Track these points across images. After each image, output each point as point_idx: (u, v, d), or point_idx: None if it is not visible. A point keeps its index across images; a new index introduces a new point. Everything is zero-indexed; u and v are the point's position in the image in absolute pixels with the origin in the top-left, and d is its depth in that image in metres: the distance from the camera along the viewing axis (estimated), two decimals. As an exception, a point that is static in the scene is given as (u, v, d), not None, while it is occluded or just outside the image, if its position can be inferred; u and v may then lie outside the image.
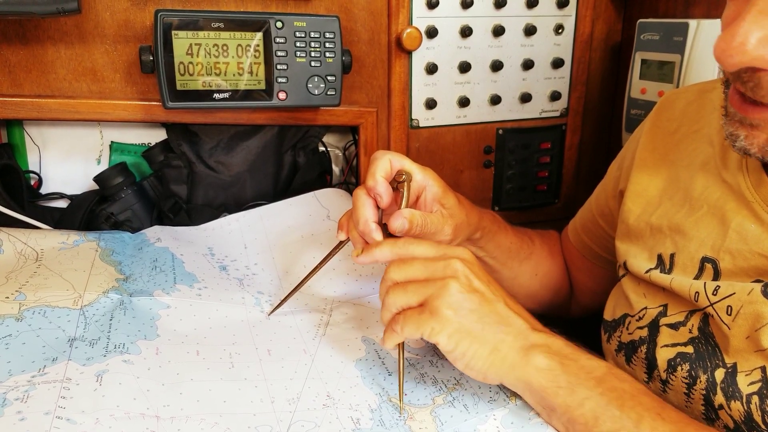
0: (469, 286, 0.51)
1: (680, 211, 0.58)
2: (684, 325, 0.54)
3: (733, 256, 0.52)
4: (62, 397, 0.44)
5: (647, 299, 0.59)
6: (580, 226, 0.78)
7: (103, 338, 0.52)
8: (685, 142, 0.61)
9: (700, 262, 0.54)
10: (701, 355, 0.52)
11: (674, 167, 0.61)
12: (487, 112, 0.90)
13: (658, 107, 0.67)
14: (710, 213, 0.55)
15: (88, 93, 0.73)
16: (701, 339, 0.53)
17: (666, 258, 0.58)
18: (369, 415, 0.50)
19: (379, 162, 0.59)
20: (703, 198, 0.56)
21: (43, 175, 0.84)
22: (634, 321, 0.60)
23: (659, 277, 0.57)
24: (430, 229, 0.60)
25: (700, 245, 0.55)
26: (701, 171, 0.57)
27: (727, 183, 0.54)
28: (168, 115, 0.75)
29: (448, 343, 0.49)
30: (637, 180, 0.64)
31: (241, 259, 0.74)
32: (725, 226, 0.53)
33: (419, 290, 0.51)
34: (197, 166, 0.80)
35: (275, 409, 0.48)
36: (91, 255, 0.67)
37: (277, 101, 0.73)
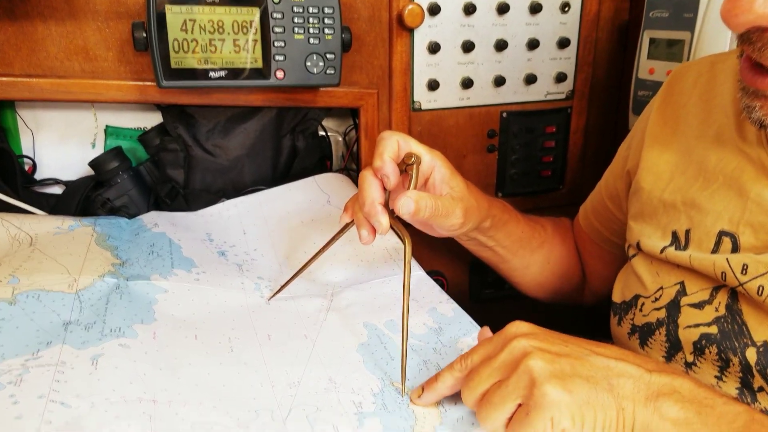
0: (549, 354, 0.43)
1: (694, 185, 0.56)
2: (710, 303, 0.52)
3: (754, 230, 0.49)
4: (56, 380, 0.42)
5: (661, 278, 0.57)
6: (590, 210, 0.77)
7: (99, 322, 0.50)
8: (696, 113, 0.59)
9: (716, 236, 0.52)
10: (727, 335, 0.50)
11: (686, 140, 0.59)
12: (491, 94, 0.88)
13: (668, 81, 0.65)
14: (726, 185, 0.53)
15: (81, 72, 0.71)
16: (727, 317, 0.51)
17: (681, 234, 0.56)
18: (371, 399, 0.48)
19: (386, 142, 0.57)
20: (718, 170, 0.54)
21: (37, 159, 0.82)
22: (649, 302, 0.58)
23: (676, 255, 0.55)
24: (441, 212, 0.58)
25: (717, 219, 0.53)
26: (715, 142, 0.55)
27: (744, 152, 0.52)
28: (163, 96, 0.73)
29: (574, 425, 0.41)
30: (648, 156, 0.62)
31: (240, 245, 0.72)
32: (743, 197, 0.51)
33: (506, 394, 0.42)
34: (194, 149, 0.78)
35: (275, 393, 0.47)
36: (87, 240, 0.65)
37: (275, 80, 0.71)
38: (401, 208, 0.54)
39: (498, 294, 0.97)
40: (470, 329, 0.59)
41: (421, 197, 0.56)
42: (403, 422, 0.46)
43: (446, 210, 0.58)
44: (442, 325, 0.60)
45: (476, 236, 0.70)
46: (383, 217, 0.55)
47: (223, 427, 0.42)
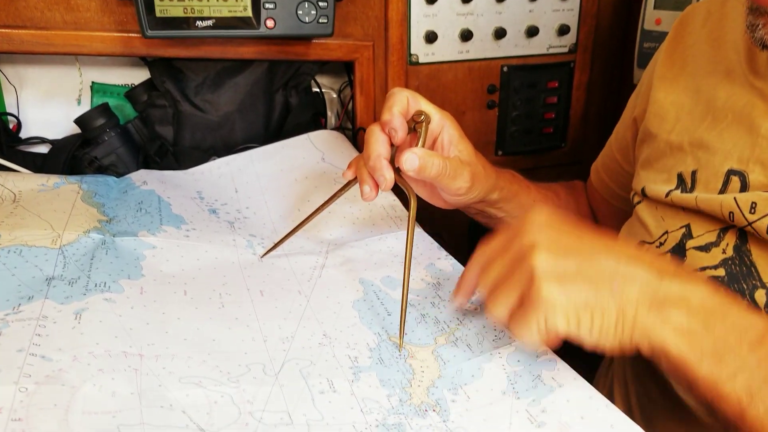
0: (557, 248, 0.41)
1: (702, 124, 0.54)
2: (717, 245, 0.50)
3: (765, 167, 0.47)
4: (37, 334, 0.41)
5: (666, 222, 0.55)
6: (601, 166, 0.75)
7: (83, 277, 0.49)
8: (706, 51, 0.57)
9: (725, 176, 0.50)
10: (735, 277, 0.48)
11: (694, 80, 0.57)
12: (491, 47, 0.85)
13: (677, 22, 0.62)
14: (736, 122, 0.50)
15: (62, 23, 0.68)
16: (735, 259, 0.49)
17: (687, 177, 0.54)
18: (368, 354, 0.47)
19: (396, 97, 0.55)
20: (727, 107, 0.52)
21: (21, 117, 0.79)
22: (654, 248, 0.56)
23: (681, 197, 0.53)
24: (448, 172, 0.56)
25: (726, 157, 0.50)
26: (725, 79, 0.53)
27: (755, 87, 0.50)
28: (148, 48, 0.70)
29: (568, 326, 0.40)
30: (655, 99, 0.60)
31: (232, 203, 0.70)
32: (754, 133, 0.49)
33: (508, 288, 0.42)
34: (183, 105, 0.76)
35: (268, 347, 0.45)
36: (72, 197, 0.63)
37: (265, 30, 0.68)
38: (405, 163, 0.53)
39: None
40: (469, 284, 0.57)
41: (428, 154, 0.54)
42: (401, 376, 0.45)
43: (454, 171, 0.57)
44: (440, 280, 0.58)
45: (485, 209, 0.68)
46: (388, 171, 0.54)
47: (212, 381, 0.41)
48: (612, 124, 0.80)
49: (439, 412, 0.42)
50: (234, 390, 0.40)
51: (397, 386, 0.44)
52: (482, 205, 0.67)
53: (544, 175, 0.96)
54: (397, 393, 0.43)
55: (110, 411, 0.35)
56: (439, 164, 0.55)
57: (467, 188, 0.59)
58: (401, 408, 0.42)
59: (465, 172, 0.58)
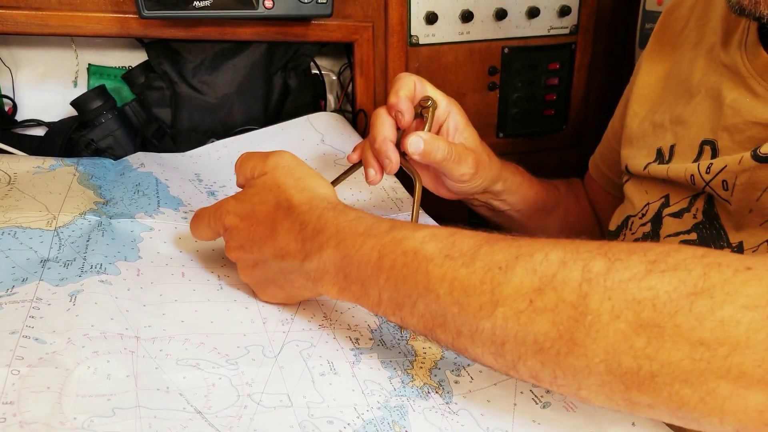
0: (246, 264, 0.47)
1: (680, 101, 0.56)
2: (688, 210, 0.52)
3: (729, 132, 0.49)
4: (31, 317, 0.40)
5: (649, 194, 0.57)
6: (599, 157, 0.75)
7: (79, 259, 0.48)
8: (690, 38, 0.59)
9: (699, 146, 0.52)
10: (705, 240, 0.50)
11: (678, 60, 0.59)
12: (492, 28, 0.83)
13: (667, 9, 0.64)
14: (707, 96, 0.53)
15: (58, 4, 0.67)
16: (705, 223, 0.51)
17: (666, 150, 0.56)
18: (369, 335, 0.46)
19: (403, 81, 0.56)
20: (701, 84, 0.54)
21: (17, 100, 0.78)
22: (637, 219, 0.57)
23: (657, 168, 0.55)
24: (453, 157, 0.57)
25: (699, 129, 0.52)
26: (703, 58, 0.55)
27: (725, 65, 0.52)
28: (145, 29, 0.69)
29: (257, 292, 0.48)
30: (642, 82, 0.61)
31: (231, 186, 0.69)
32: (720, 104, 0.51)
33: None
34: (180, 86, 0.74)
35: (267, 329, 0.45)
36: (69, 179, 0.62)
37: (264, 10, 0.66)
38: (410, 146, 0.54)
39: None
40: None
41: (434, 138, 0.56)
42: (402, 358, 0.44)
43: (458, 156, 0.58)
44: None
45: (488, 200, 0.68)
46: (394, 154, 0.55)
47: (210, 363, 0.40)
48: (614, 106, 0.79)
49: (442, 394, 0.41)
50: (232, 372, 0.39)
51: (399, 368, 0.43)
52: (486, 197, 0.67)
53: (545, 157, 0.95)
54: (399, 375, 0.42)
55: (105, 394, 0.35)
56: (444, 148, 0.56)
57: (471, 174, 0.60)
58: (403, 390, 0.41)
59: (469, 159, 0.59)
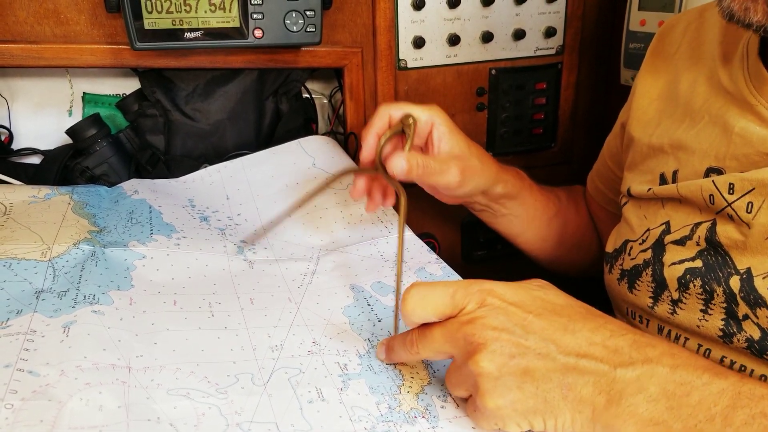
0: (502, 352, 0.39)
1: (681, 126, 0.56)
2: (690, 238, 0.52)
3: (739, 161, 0.50)
4: (25, 349, 0.41)
5: (648, 220, 0.57)
6: (595, 174, 0.76)
7: (73, 290, 0.49)
8: (684, 59, 0.59)
9: (704, 174, 0.52)
10: (711, 266, 0.50)
11: (673, 85, 0.59)
12: (479, 50, 0.85)
13: (659, 33, 0.65)
14: (712, 122, 0.53)
15: (52, 37, 0.68)
16: (710, 249, 0.51)
17: (669, 176, 0.56)
18: (357, 361, 0.47)
19: (375, 118, 0.61)
20: (704, 109, 0.54)
21: (13, 129, 0.79)
22: (637, 245, 0.58)
23: (662, 189, 0.55)
24: (434, 170, 0.60)
25: (704, 157, 0.52)
26: (702, 84, 0.56)
27: (729, 92, 0.52)
28: (138, 59, 0.71)
29: (521, 428, 0.40)
30: (637, 105, 0.62)
31: (224, 210, 0.71)
32: (728, 132, 0.51)
33: (459, 381, 0.42)
34: (173, 114, 0.76)
35: (257, 356, 0.46)
36: (63, 208, 0.63)
37: (254, 40, 0.68)
38: (394, 168, 0.57)
39: (490, 254, 0.95)
40: (458, 289, 0.57)
41: (412, 156, 0.58)
42: (390, 382, 0.45)
43: (439, 168, 0.60)
44: (430, 285, 0.58)
45: (489, 204, 0.70)
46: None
47: (200, 392, 0.41)
48: (601, 123, 0.80)
49: (429, 419, 0.42)
50: (222, 401, 0.40)
51: (386, 393, 0.44)
52: (485, 200, 0.69)
53: (535, 175, 0.96)
54: (386, 400, 0.43)
55: (97, 425, 0.36)
56: (422, 163, 0.59)
57: (458, 182, 0.62)
58: (390, 415, 0.42)
59: (452, 168, 0.61)
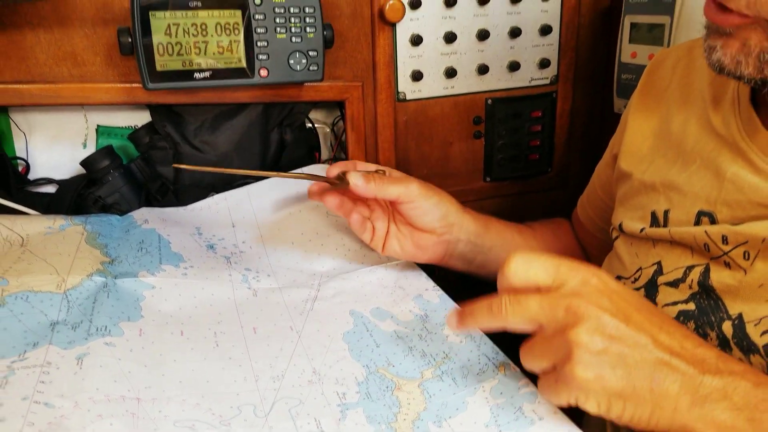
0: (603, 330, 0.40)
1: (673, 167, 0.57)
2: (683, 281, 0.53)
3: (730, 208, 0.51)
4: (41, 381, 0.44)
5: (640, 258, 0.58)
6: (586, 201, 0.78)
7: (86, 321, 0.52)
8: (675, 97, 0.61)
9: (696, 216, 0.53)
10: (704, 310, 0.51)
11: (665, 123, 0.61)
12: (475, 82, 0.88)
13: (649, 68, 0.67)
14: (704, 166, 0.54)
15: (69, 77, 0.72)
16: (702, 293, 0.52)
17: (660, 215, 0.57)
18: (356, 389, 0.50)
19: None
20: (695, 151, 0.55)
21: (30, 161, 0.83)
22: (629, 283, 0.59)
23: (655, 231, 0.56)
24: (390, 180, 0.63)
25: (695, 199, 0.54)
26: (693, 125, 0.57)
27: (720, 135, 0.53)
28: (150, 97, 0.74)
29: (598, 410, 0.41)
30: (630, 140, 0.64)
31: (229, 238, 0.74)
32: (720, 177, 0.52)
33: (544, 351, 0.42)
34: (183, 146, 0.79)
35: (259, 387, 0.48)
36: (77, 239, 0.67)
37: (259, 79, 0.71)
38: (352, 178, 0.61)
39: (488, 281, 0.98)
40: (454, 316, 0.60)
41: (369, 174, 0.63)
42: (387, 410, 0.48)
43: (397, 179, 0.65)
44: (428, 311, 0.61)
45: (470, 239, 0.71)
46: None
47: (205, 424, 0.44)
48: (596, 149, 0.82)
49: (421, 445, 0.44)
50: None
51: (383, 422, 0.46)
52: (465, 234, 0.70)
53: (532, 199, 0.99)
54: (383, 429, 0.46)
55: (109, 455, 0.38)
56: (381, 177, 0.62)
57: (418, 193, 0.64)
58: (384, 443, 0.44)
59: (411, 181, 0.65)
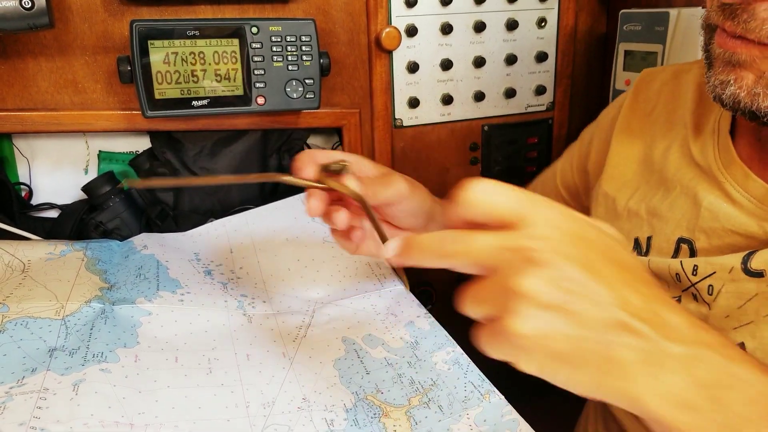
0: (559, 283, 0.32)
1: (657, 194, 0.59)
2: None
3: (707, 235, 0.53)
4: (38, 407, 0.45)
5: None
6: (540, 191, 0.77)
7: (83, 347, 0.53)
8: (659, 123, 0.62)
9: (675, 243, 0.55)
10: None
11: (649, 149, 0.62)
12: (472, 108, 0.90)
13: (635, 88, 0.67)
14: (683, 194, 0.56)
15: (71, 104, 0.74)
16: None
17: (642, 242, 0.59)
18: (344, 416, 0.50)
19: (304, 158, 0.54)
20: (676, 179, 0.57)
21: (33, 186, 0.85)
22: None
23: None
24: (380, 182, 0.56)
25: (676, 226, 0.55)
26: (675, 153, 0.58)
27: (699, 165, 0.55)
28: (149, 124, 0.76)
29: (539, 374, 0.33)
30: (614, 163, 0.64)
31: (227, 264, 0.75)
32: (697, 206, 0.54)
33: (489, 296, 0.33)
34: (182, 172, 0.81)
35: (249, 413, 0.49)
36: (77, 264, 0.68)
37: (256, 106, 0.73)
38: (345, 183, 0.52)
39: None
40: (445, 342, 0.61)
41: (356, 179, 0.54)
42: (372, 438, 0.48)
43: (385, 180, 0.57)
44: (418, 338, 0.62)
45: None
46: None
47: (196, 447, 0.44)
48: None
49: (406, 474, 0.45)
50: (214, 457, 0.44)
51: (368, 449, 0.47)
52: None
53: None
54: (367, 455, 0.46)
55: (100, 481, 0.39)
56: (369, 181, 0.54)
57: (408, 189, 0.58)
58: (370, 470, 0.45)
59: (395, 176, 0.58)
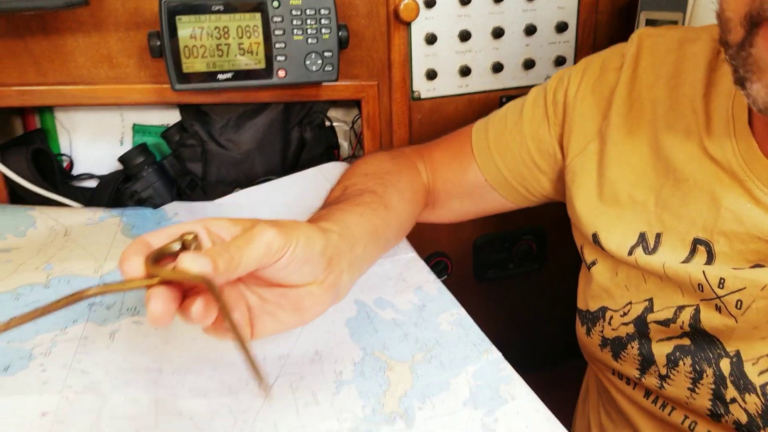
0: None
1: (665, 184, 0.52)
2: (674, 321, 0.52)
3: (728, 239, 0.47)
4: (79, 352, 0.50)
5: (630, 292, 0.55)
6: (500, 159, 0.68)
7: (118, 303, 0.58)
8: (663, 101, 0.55)
9: (692, 244, 0.49)
10: (701, 346, 0.50)
11: (654, 130, 0.55)
12: (490, 80, 0.91)
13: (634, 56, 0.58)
14: (697, 188, 0.49)
15: (106, 79, 0.79)
16: (696, 332, 0.50)
17: (650, 237, 0.53)
18: (351, 368, 0.55)
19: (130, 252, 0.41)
20: (688, 171, 0.50)
21: (73, 156, 0.91)
22: (618, 316, 0.56)
23: (647, 261, 0.52)
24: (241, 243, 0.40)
25: (691, 225, 0.50)
26: (683, 139, 0.51)
27: (714, 159, 0.49)
28: (178, 97, 0.80)
29: None
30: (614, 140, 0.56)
31: (252, 230, 0.80)
32: (716, 204, 0.48)
33: None
34: (209, 144, 0.86)
35: (266, 363, 0.54)
36: (114, 229, 0.74)
37: (277, 79, 0.77)
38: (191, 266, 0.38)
39: (501, 273, 1.01)
40: (449, 306, 0.64)
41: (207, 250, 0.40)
42: (377, 387, 0.52)
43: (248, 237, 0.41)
44: (425, 302, 0.65)
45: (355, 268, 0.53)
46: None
47: (216, 393, 0.49)
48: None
49: (406, 420, 0.49)
50: (232, 401, 0.48)
51: (372, 397, 0.51)
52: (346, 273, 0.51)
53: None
54: (371, 403, 0.51)
55: (131, 416, 0.44)
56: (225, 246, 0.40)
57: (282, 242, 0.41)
58: (373, 417, 0.49)
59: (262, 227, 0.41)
